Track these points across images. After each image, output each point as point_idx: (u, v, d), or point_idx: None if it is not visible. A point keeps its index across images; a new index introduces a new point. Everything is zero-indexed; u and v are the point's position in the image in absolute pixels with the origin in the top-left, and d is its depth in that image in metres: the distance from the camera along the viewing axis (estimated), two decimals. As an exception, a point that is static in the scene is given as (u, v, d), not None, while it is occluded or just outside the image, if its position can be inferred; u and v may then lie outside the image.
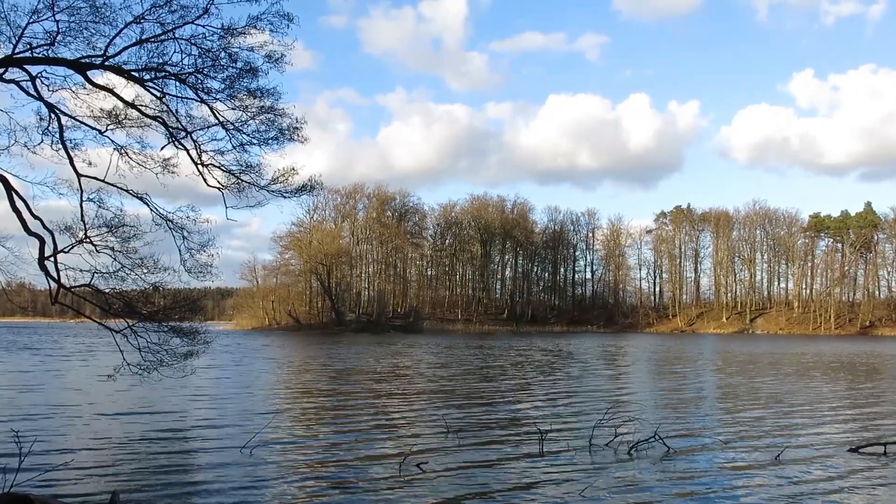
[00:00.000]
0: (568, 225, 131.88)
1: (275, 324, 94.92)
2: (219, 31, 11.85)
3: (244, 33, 12.07)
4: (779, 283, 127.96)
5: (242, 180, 13.18)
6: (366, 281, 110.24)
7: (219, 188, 13.22)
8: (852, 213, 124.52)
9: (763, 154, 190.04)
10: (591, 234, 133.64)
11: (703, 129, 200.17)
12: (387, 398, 19.44)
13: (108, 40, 11.47)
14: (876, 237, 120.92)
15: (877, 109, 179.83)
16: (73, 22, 11.24)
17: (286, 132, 13.27)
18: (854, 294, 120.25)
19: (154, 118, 12.40)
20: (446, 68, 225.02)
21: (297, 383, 24.01)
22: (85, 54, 11.50)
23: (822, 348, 56.70)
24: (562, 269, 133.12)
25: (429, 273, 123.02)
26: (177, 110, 12.51)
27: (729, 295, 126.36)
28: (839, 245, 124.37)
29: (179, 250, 12.91)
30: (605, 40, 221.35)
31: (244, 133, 12.92)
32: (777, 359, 40.40)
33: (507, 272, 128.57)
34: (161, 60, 11.92)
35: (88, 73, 11.67)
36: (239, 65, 12.35)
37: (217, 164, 13.13)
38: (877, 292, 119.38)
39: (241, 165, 13.14)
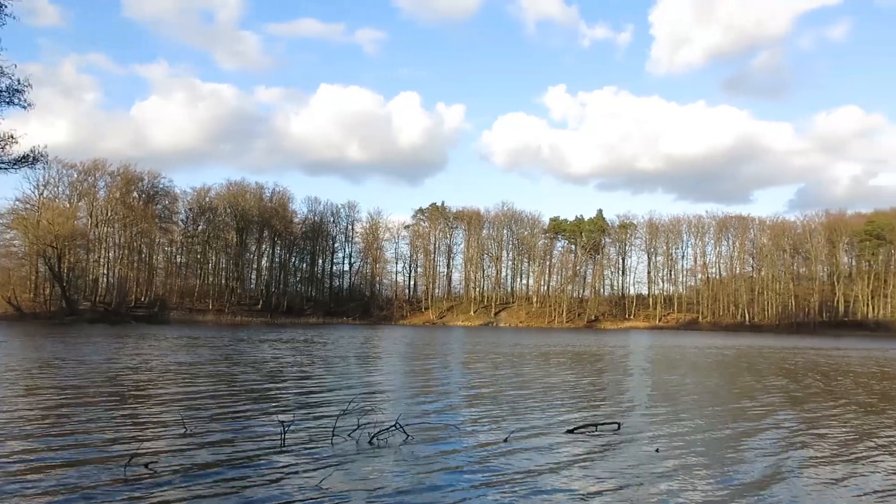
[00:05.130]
0: (328, 216, 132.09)
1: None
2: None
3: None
4: (521, 280, 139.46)
5: (-59, 144, 11.29)
6: (105, 267, 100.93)
7: None
8: (586, 219, 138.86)
9: (519, 160, 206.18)
10: (350, 227, 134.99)
11: (467, 132, 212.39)
12: (117, 396, 17.87)
13: None
14: (603, 241, 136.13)
15: (615, 128, 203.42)
16: None
17: (4, 94, 11.63)
18: (583, 291, 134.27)
19: None
20: (217, 45, 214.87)
21: (6, 380, 21.22)
22: None
23: (554, 339, 62.46)
24: (320, 261, 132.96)
25: (178, 260, 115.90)
26: None
27: (477, 290, 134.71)
28: (573, 247, 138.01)
29: None
30: (383, 36, 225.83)
31: (-55, 90, 11.06)
32: (515, 350, 43.70)
33: (263, 262, 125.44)
34: None
35: None
36: (-61, 9, 10.53)
37: None
38: (602, 290, 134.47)
39: (-60, 127, 11.25)
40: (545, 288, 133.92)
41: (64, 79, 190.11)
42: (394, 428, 12.28)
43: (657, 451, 11.70)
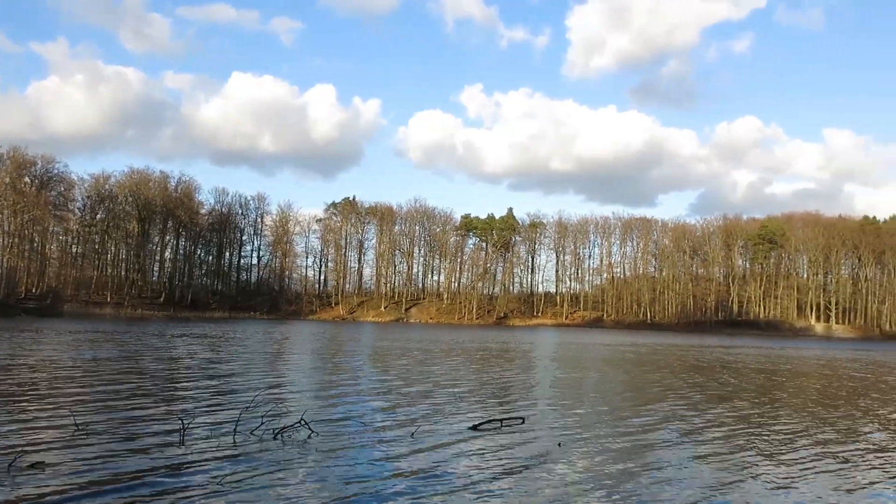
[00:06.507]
0: (236, 208, 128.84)
1: None
2: None
3: None
4: (432, 276, 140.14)
5: None
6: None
7: None
8: (497, 217, 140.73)
9: (434, 157, 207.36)
10: (259, 220, 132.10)
11: (383, 127, 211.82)
12: (3, 393, 16.86)
13: None
14: (514, 239, 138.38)
15: (528, 128, 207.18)
16: None
17: None
18: (493, 288, 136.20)
19: None
20: (123, 26, 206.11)
21: None
22: None
23: (464, 336, 63.05)
24: (227, 254, 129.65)
25: (74, 250, 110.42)
26: None
27: (388, 285, 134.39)
28: (484, 244, 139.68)
29: None
30: (300, 26, 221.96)
31: None
32: (425, 346, 43.86)
33: (166, 254, 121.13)
34: None
35: None
36: None
37: None
38: (511, 287, 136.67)
39: None
40: (456, 285, 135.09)
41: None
42: (299, 424, 12.10)
43: (559, 445, 11.98)
